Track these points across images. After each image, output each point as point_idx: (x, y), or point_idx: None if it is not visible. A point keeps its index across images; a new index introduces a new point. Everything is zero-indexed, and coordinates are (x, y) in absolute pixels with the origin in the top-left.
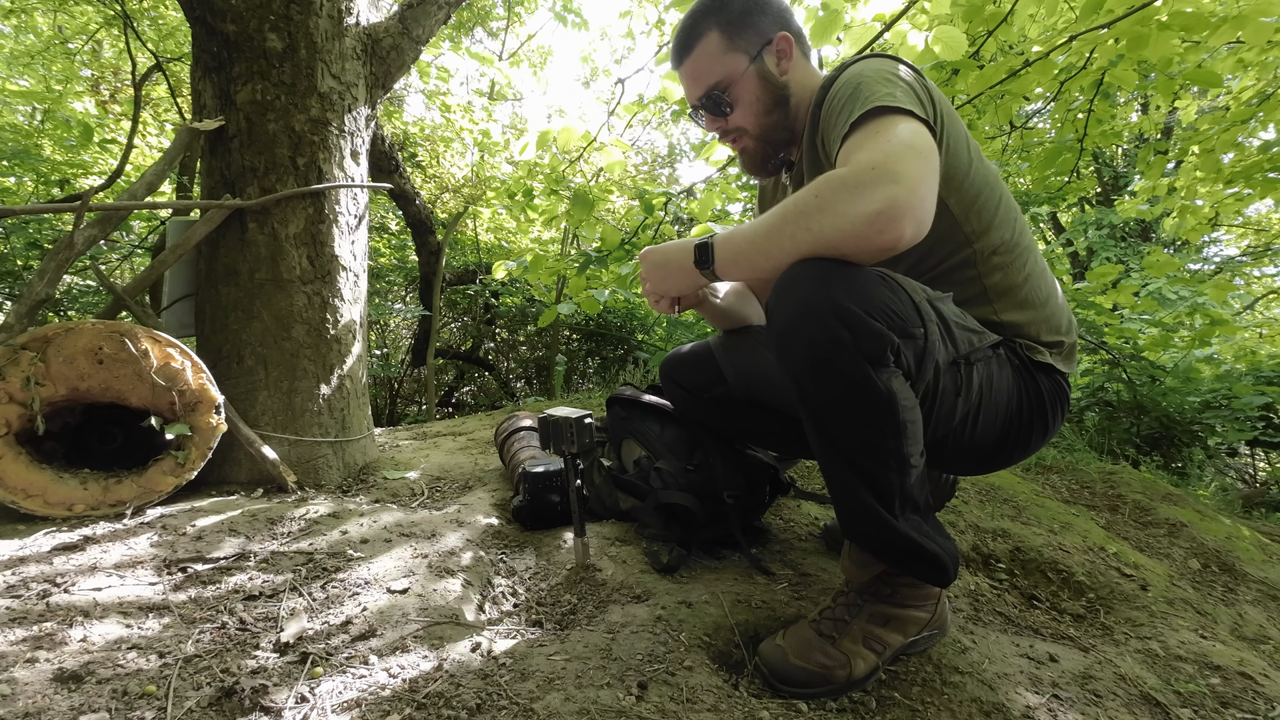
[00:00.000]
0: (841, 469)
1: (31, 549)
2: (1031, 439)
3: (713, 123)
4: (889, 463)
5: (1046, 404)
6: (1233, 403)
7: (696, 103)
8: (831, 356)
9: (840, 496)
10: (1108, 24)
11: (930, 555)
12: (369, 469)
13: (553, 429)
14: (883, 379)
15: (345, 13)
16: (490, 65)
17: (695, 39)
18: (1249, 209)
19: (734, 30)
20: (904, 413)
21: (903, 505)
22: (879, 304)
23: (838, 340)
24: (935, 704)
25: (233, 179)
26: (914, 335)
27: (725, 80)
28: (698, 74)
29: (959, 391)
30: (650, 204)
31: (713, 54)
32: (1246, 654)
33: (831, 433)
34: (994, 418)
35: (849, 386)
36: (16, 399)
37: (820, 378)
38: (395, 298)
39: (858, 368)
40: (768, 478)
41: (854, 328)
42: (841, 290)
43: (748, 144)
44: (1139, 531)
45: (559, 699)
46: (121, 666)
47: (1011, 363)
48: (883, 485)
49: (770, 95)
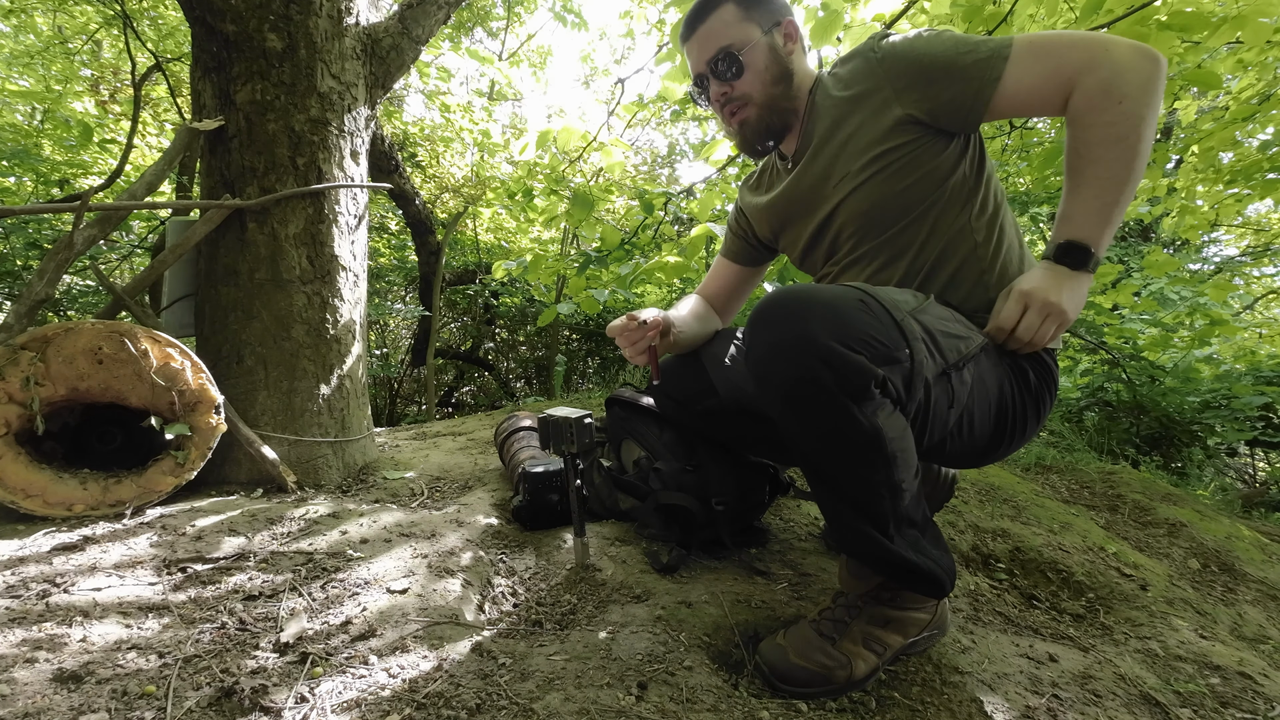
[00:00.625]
0: (832, 500)
1: (31, 549)
2: (1027, 427)
3: (718, 88)
4: (880, 493)
5: (1035, 390)
6: (1232, 403)
7: (704, 67)
8: (811, 396)
9: (833, 522)
10: (1107, 24)
11: (925, 573)
12: (369, 469)
13: (553, 429)
14: (866, 415)
15: (345, 13)
16: (490, 65)
17: (711, 8)
18: (1249, 209)
19: (750, 4)
20: (891, 445)
21: (898, 525)
22: (858, 334)
23: (817, 380)
24: (935, 704)
25: (232, 179)
26: (899, 360)
27: (738, 44)
28: (710, 37)
29: (951, 403)
30: (650, 204)
31: (728, 20)
32: (1246, 654)
33: (818, 468)
34: (987, 413)
35: (832, 427)
36: (16, 399)
37: (802, 418)
38: (395, 298)
39: (840, 407)
40: (767, 478)
41: (834, 365)
42: (818, 324)
43: (750, 114)
44: (1139, 531)
45: (559, 699)
46: (121, 667)
47: (998, 352)
48: (875, 512)
49: (778, 67)
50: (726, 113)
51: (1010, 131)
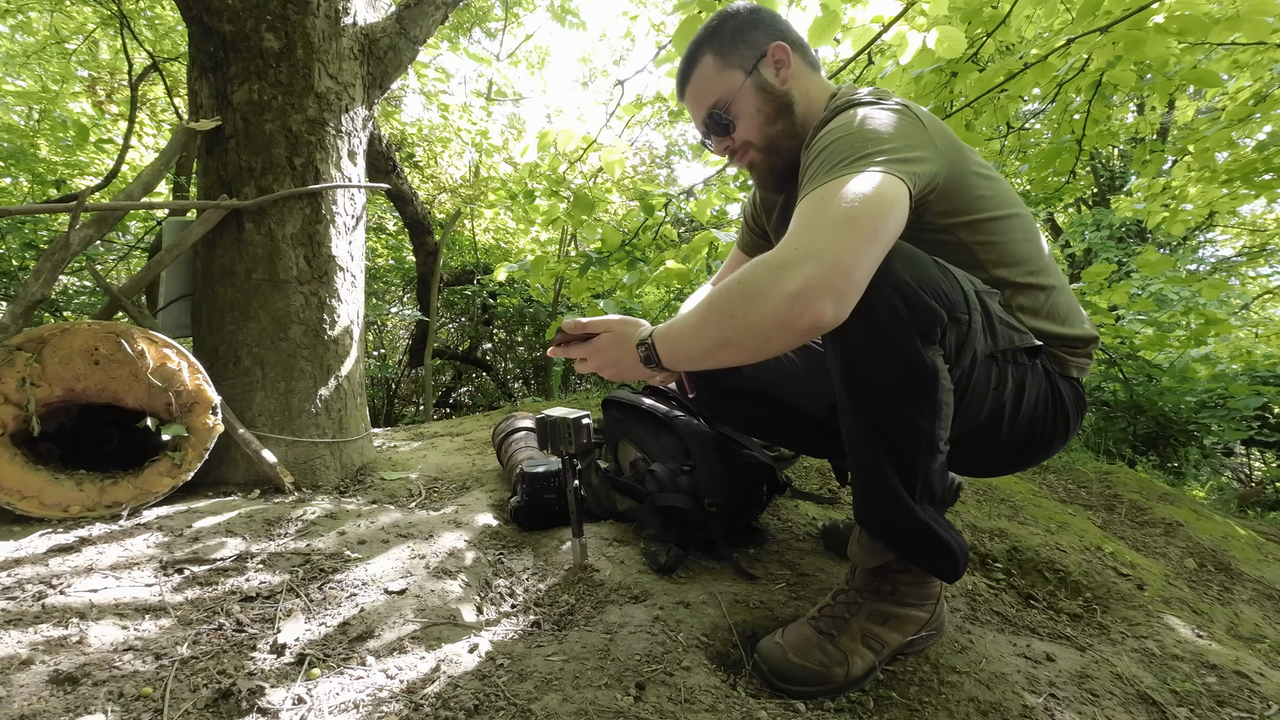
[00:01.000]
0: (873, 445)
1: (27, 550)
2: (1051, 445)
3: (719, 143)
4: (919, 443)
5: (1070, 413)
6: (1229, 402)
7: (701, 127)
8: (885, 326)
9: (866, 475)
10: (1104, 28)
11: (945, 545)
12: (366, 470)
13: (550, 429)
14: (929, 355)
15: (342, 13)
16: (489, 65)
17: (692, 67)
18: (1244, 208)
19: (726, 50)
20: (942, 393)
21: (924, 492)
22: (932, 282)
23: (893, 310)
24: (933, 703)
25: (229, 179)
26: (959, 320)
27: (724, 98)
28: (698, 97)
29: (991, 385)
30: (650, 205)
31: (709, 75)
32: (1242, 653)
33: (870, 404)
34: (1019, 421)
35: (898, 358)
36: (12, 400)
37: (870, 346)
38: (393, 298)
39: (909, 340)
40: (764, 478)
41: (909, 300)
42: (899, 263)
43: (755, 157)
44: (1135, 531)
45: (557, 699)
46: (118, 668)
47: (1044, 370)
48: (910, 467)
49: (772, 105)
50: (735, 160)
51: (1008, 133)
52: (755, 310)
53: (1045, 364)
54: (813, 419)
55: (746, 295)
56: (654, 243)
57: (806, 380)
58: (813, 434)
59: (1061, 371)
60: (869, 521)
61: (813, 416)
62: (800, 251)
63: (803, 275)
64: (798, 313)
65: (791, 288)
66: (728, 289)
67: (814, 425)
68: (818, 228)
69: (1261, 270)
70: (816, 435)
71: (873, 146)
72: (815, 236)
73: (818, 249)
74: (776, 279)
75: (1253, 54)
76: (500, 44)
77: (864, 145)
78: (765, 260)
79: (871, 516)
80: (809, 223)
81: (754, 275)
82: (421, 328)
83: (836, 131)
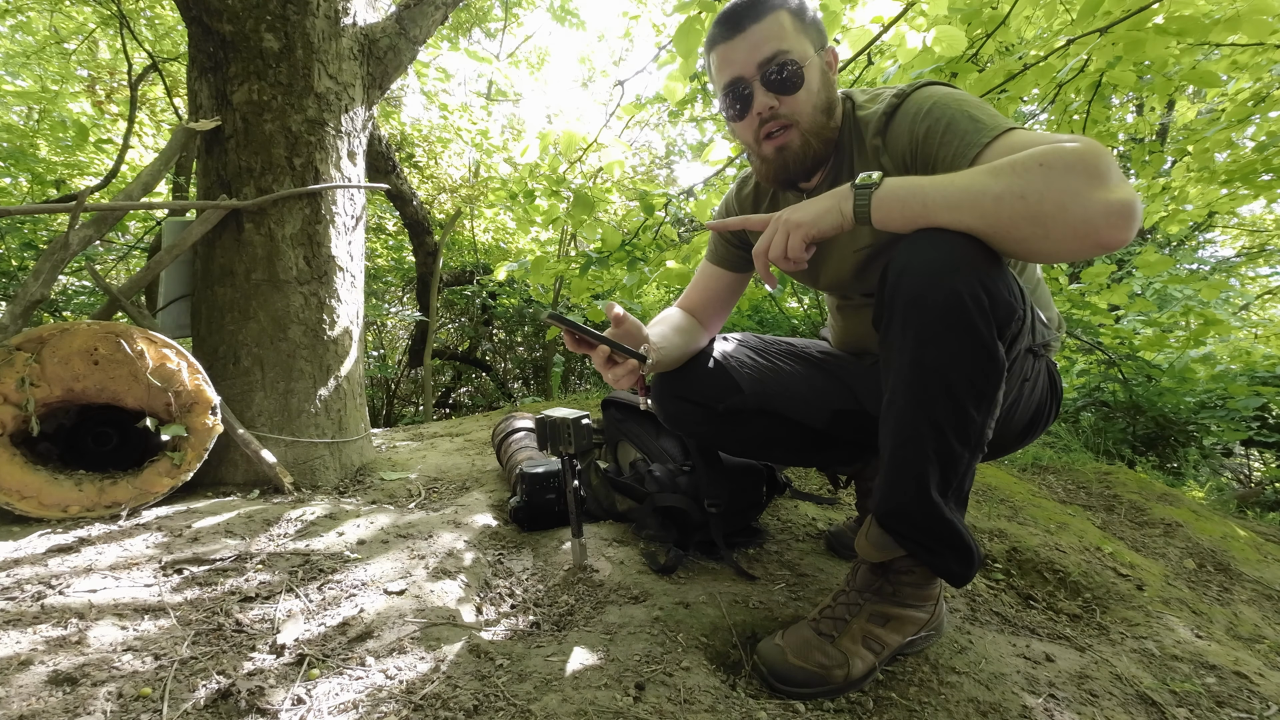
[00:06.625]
0: (921, 437)
1: (26, 550)
2: (1044, 427)
3: (765, 99)
4: (969, 438)
5: (1059, 395)
6: (1228, 403)
7: (753, 70)
8: (969, 312)
9: (901, 470)
10: (1104, 29)
11: (968, 547)
12: (366, 470)
13: (550, 430)
14: (1001, 351)
15: (342, 13)
16: (488, 65)
17: (764, 10)
18: (1243, 209)
19: (803, 18)
20: (1000, 390)
21: (955, 492)
22: (1007, 279)
23: (978, 299)
24: (932, 704)
25: (229, 179)
26: (1019, 317)
27: (798, 56)
28: (765, 38)
29: (1023, 378)
30: (650, 205)
31: (786, 27)
32: (1242, 653)
33: (933, 396)
34: (1029, 407)
35: (979, 350)
36: (11, 400)
37: (951, 336)
38: (392, 298)
39: (989, 330)
40: (763, 479)
41: (992, 293)
42: (981, 257)
43: (793, 139)
44: (1135, 531)
45: (556, 700)
46: (117, 669)
47: (1041, 357)
48: (952, 463)
49: (826, 95)
50: (763, 134)
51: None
52: (1078, 202)
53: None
54: (810, 430)
55: (1063, 189)
56: (654, 243)
57: (807, 390)
58: (809, 446)
59: (1050, 355)
60: (889, 516)
61: (810, 427)
62: (1111, 168)
63: (1128, 193)
64: (1113, 226)
65: (1117, 197)
66: (1048, 164)
67: (810, 437)
68: (1103, 152)
69: (1261, 270)
70: (813, 447)
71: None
72: (1103, 158)
73: (1119, 177)
74: (1099, 185)
75: (1252, 54)
76: (500, 44)
77: (994, 113)
78: (1078, 155)
79: (893, 511)
80: (1075, 148)
81: (1065, 167)
82: (421, 328)
83: (950, 102)
